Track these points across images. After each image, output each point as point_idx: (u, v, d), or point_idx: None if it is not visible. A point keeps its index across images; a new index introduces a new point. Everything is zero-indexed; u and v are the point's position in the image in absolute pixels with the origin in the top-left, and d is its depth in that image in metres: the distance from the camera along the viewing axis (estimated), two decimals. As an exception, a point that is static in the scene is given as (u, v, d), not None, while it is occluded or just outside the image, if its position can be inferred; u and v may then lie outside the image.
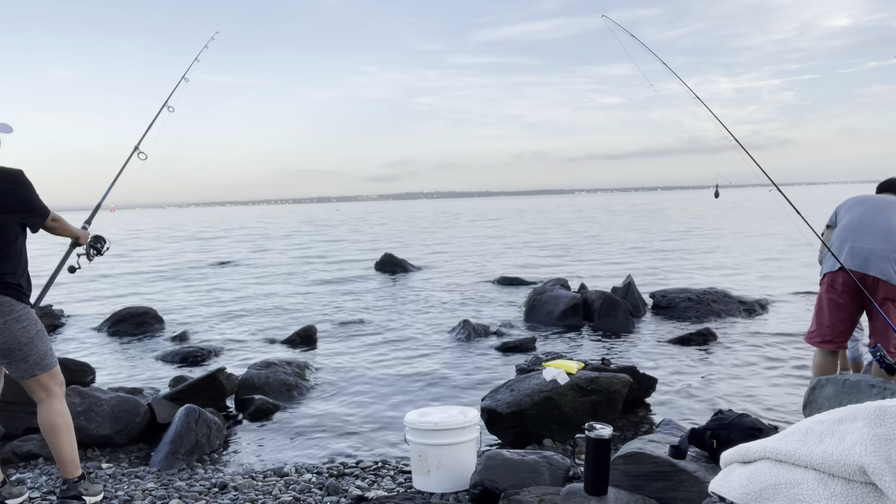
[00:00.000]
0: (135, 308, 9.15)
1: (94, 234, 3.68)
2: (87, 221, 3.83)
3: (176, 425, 4.15)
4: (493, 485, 3.05)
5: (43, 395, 3.21)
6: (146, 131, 4.35)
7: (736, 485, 1.59)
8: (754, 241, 19.09)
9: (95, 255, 3.66)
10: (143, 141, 4.30)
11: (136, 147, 4.27)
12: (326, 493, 3.43)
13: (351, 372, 6.35)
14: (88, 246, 3.62)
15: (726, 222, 28.54)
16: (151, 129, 4.38)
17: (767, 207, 7.85)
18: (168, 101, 4.52)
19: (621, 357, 6.46)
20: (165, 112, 4.50)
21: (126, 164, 4.20)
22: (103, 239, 3.70)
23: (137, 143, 4.28)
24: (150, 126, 4.37)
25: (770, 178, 4.27)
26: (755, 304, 8.69)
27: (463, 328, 7.76)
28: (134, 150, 4.26)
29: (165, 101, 4.52)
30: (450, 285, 12.35)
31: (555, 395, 4.21)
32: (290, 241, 28.43)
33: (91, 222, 3.85)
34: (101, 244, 3.68)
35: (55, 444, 3.21)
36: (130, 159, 4.24)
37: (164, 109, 4.50)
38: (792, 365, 6.02)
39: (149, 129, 4.36)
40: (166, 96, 4.53)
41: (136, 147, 4.27)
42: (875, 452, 1.34)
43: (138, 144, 4.28)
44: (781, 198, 4.33)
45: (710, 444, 2.69)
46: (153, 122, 4.40)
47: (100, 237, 3.68)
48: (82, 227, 3.70)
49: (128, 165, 4.21)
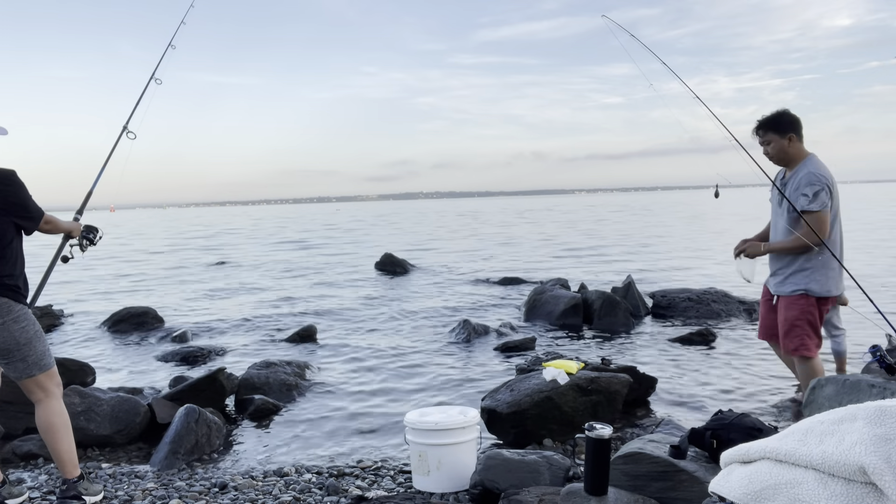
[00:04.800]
0: (135, 308, 9.15)
1: (85, 224, 3.66)
2: (79, 211, 3.79)
3: (176, 425, 4.15)
4: (493, 485, 3.05)
5: (41, 396, 3.22)
6: (134, 108, 4.12)
7: (736, 485, 1.59)
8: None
9: (88, 246, 3.64)
10: (131, 119, 4.08)
11: (124, 127, 4.06)
12: (326, 493, 3.43)
13: (351, 372, 6.35)
14: (81, 237, 3.61)
15: (726, 222, 28.55)
16: (140, 104, 4.14)
17: (767, 207, 7.93)
18: (155, 72, 4.27)
19: (621, 357, 6.45)
20: (153, 85, 4.26)
21: (116, 145, 4.01)
22: (95, 229, 3.66)
23: (126, 122, 4.06)
24: (138, 101, 4.14)
25: (770, 178, 4.28)
26: (755, 304, 8.68)
27: (463, 328, 7.75)
28: (123, 130, 4.06)
29: (153, 73, 4.27)
30: (450, 285, 12.36)
31: (555, 395, 4.21)
32: (290, 240, 28.43)
33: (83, 212, 3.80)
34: (94, 234, 3.65)
35: (54, 444, 3.21)
36: (120, 139, 4.04)
37: (152, 82, 4.27)
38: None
39: (137, 105, 4.13)
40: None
41: (124, 127, 4.06)
42: (875, 452, 1.34)
43: (126, 123, 4.07)
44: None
45: (710, 444, 2.69)
46: (141, 97, 4.16)
47: (92, 227, 3.64)
48: (73, 218, 3.69)
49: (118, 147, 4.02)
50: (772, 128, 4.15)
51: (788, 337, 4.17)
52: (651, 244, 20.32)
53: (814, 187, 3.96)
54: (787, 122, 4.14)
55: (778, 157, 4.20)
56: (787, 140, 4.13)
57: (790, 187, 4.11)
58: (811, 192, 3.96)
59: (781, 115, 4.16)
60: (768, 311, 4.41)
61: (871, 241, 16.80)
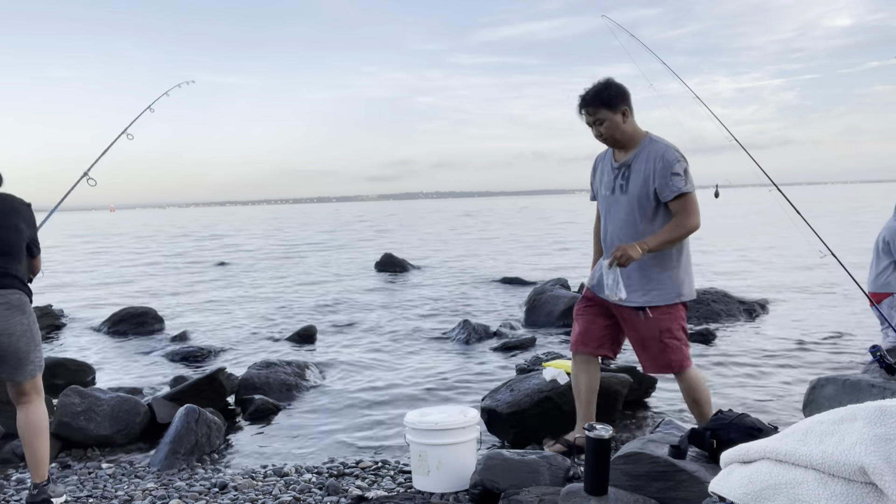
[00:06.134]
0: (135, 308, 9.15)
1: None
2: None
3: (176, 425, 4.15)
4: (493, 485, 3.05)
5: (33, 397, 3.24)
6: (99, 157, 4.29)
7: (736, 485, 1.59)
8: (754, 241, 19.10)
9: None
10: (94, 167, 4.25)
11: (85, 173, 4.23)
12: (326, 493, 3.43)
13: (351, 372, 6.35)
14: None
15: (726, 222, 28.54)
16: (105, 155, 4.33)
17: (767, 207, 7.93)
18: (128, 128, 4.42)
19: (621, 357, 6.44)
20: (124, 139, 4.42)
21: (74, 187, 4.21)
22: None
23: (88, 169, 4.23)
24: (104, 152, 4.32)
25: (770, 178, 4.28)
26: (755, 304, 8.68)
27: (463, 328, 7.75)
28: (83, 176, 4.23)
29: (125, 129, 4.41)
30: (449, 285, 12.36)
31: (555, 395, 4.21)
32: (290, 240, 28.43)
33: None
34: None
35: (38, 445, 3.22)
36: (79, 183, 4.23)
37: (124, 136, 4.42)
38: (792, 365, 6.02)
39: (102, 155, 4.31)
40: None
41: (85, 173, 4.23)
42: (875, 452, 1.34)
43: (88, 170, 4.23)
44: (781, 198, 4.34)
45: (710, 444, 2.69)
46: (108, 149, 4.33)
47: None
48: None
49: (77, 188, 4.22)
50: (602, 103, 3.41)
51: (666, 353, 3.48)
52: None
53: (681, 164, 3.37)
54: (617, 95, 3.42)
55: (613, 139, 3.48)
56: (620, 115, 3.42)
57: (636, 171, 3.44)
58: (681, 169, 3.36)
59: (609, 86, 3.43)
60: (595, 316, 3.68)
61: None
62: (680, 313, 3.50)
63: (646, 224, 3.43)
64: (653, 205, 3.41)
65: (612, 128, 3.43)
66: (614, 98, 3.40)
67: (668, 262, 3.44)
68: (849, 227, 20.99)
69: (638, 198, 3.42)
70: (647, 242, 3.33)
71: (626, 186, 3.45)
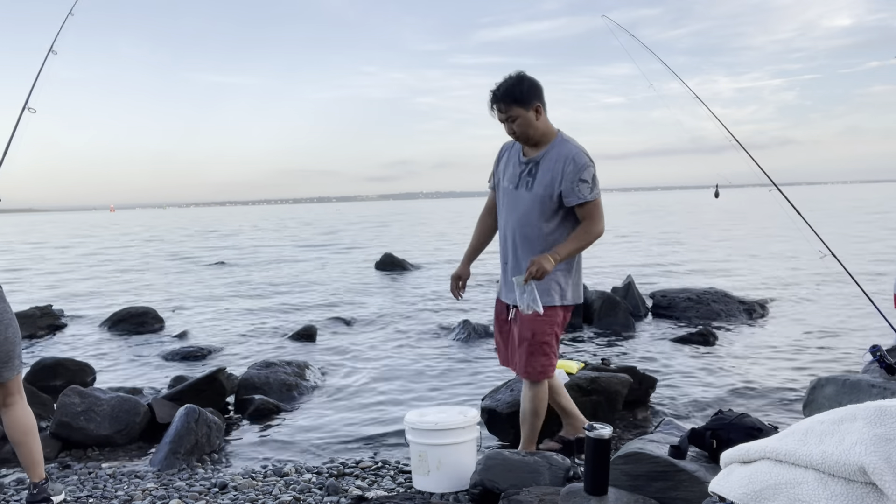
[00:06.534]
0: (135, 308, 9.15)
1: None
2: None
3: (176, 425, 4.15)
4: (493, 485, 3.05)
5: (17, 397, 3.17)
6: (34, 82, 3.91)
7: (736, 485, 1.59)
8: (754, 241, 19.11)
9: None
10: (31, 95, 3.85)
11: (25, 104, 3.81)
12: (326, 493, 3.43)
13: (351, 372, 6.35)
14: None
15: (726, 222, 28.55)
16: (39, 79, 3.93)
17: (768, 207, 7.93)
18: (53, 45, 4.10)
19: (621, 357, 6.45)
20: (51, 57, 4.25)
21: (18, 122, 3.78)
22: None
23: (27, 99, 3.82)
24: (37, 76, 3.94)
25: (770, 178, 4.28)
26: (755, 304, 8.69)
27: (463, 328, 7.76)
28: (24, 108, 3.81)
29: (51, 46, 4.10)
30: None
31: (555, 395, 4.21)
32: (290, 240, 28.43)
33: None
34: None
35: (31, 445, 3.17)
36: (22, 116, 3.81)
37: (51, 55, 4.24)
38: (792, 365, 6.02)
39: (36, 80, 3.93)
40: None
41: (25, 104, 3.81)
42: (875, 452, 1.34)
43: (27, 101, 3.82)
44: (782, 198, 4.34)
45: (710, 444, 2.69)
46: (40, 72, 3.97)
47: None
48: None
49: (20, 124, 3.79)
50: (514, 100, 3.23)
51: (534, 357, 3.36)
52: (651, 244, 20.32)
53: (590, 170, 3.25)
54: (530, 90, 3.25)
55: (526, 136, 3.31)
56: (533, 112, 3.25)
57: (544, 169, 3.30)
58: (589, 176, 3.24)
59: (522, 81, 3.26)
60: (510, 330, 3.57)
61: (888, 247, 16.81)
62: (557, 319, 3.38)
63: (544, 222, 3.33)
64: (555, 205, 3.29)
65: (524, 125, 3.27)
66: (527, 94, 3.24)
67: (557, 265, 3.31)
68: (849, 227, 21.00)
69: (542, 198, 3.30)
70: (558, 252, 3.23)
71: (532, 184, 3.33)
